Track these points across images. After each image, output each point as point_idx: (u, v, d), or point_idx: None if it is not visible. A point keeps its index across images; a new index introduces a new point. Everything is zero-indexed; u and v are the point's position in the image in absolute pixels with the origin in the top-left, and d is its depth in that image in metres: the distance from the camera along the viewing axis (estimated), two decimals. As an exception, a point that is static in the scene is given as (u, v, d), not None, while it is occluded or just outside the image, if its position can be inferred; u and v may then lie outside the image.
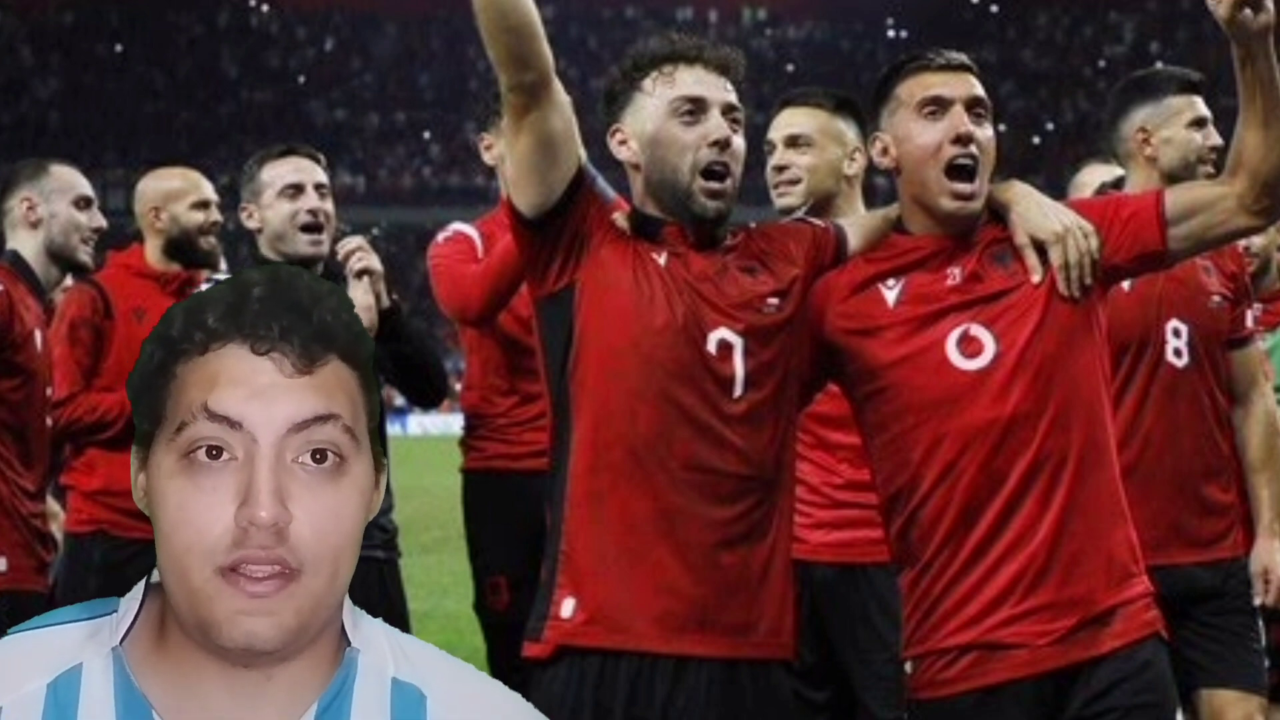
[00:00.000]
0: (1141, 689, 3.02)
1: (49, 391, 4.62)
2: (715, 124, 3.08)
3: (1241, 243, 4.33)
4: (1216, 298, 4.23)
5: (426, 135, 61.99)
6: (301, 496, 1.39)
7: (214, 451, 1.39)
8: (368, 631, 1.50)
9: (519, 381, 4.87)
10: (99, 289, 5.12)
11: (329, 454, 1.40)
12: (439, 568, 12.66)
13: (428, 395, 4.79)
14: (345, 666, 1.47)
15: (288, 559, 1.37)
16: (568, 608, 3.00)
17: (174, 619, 1.43)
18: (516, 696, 1.57)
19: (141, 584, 1.47)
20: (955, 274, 3.15)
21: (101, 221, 4.77)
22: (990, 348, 3.08)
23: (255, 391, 1.39)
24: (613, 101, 3.17)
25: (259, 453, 1.38)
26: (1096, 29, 63.72)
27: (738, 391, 3.02)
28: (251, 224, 4.51)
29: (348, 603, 1.48)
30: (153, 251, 5.26)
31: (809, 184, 4.16)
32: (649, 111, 3.11)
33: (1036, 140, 57.62)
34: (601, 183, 3.13)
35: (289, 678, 1.43)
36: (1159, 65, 11.72)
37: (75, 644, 1.44)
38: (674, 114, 3.08)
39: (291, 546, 1.37)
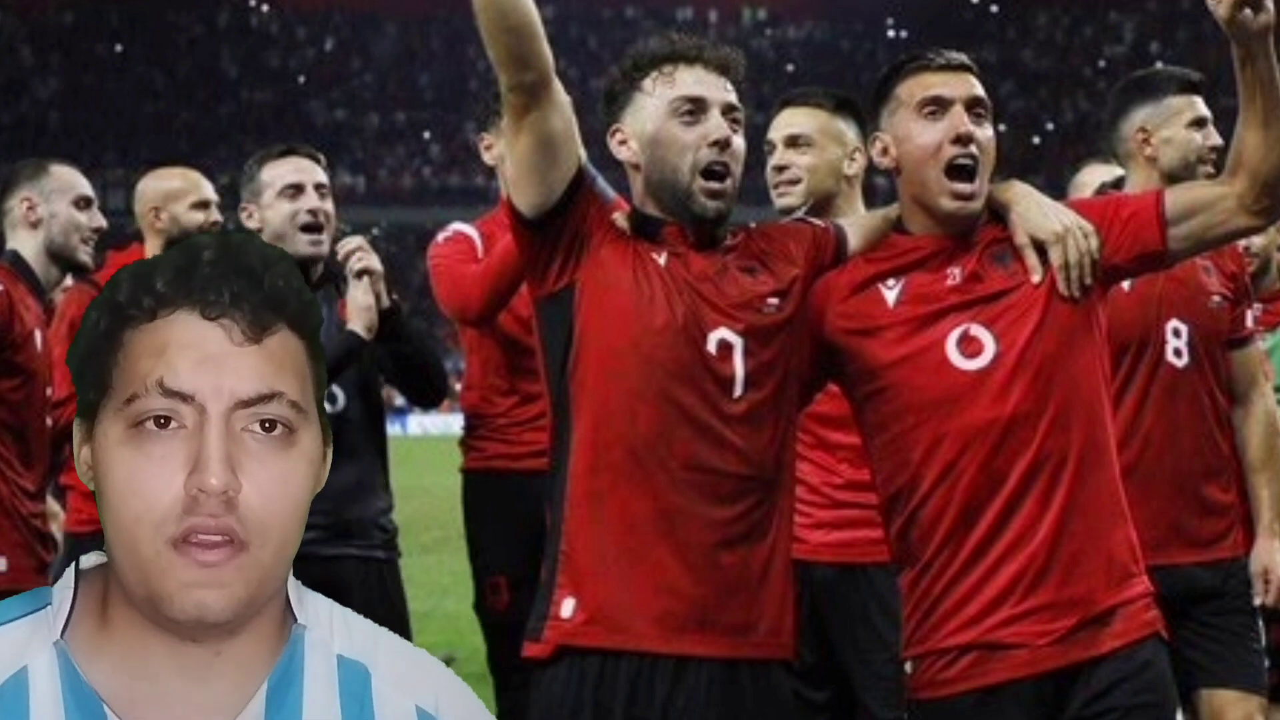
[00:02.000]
0: (1141, 689, 3.02)
1: (49, 391, 4.61)
2: (715, 124, 3.08)
3: (1241, 243, 4.33)
4: (1216, 298, 4.23)
5: (426, 135, 61.98)
6: (250, 466, 1.37)
7: (162, 420, 1.37)
8: (312, 608, 1.49)
9: (519, 381, 4.87)
10: (99, 289, 5.11)
11: (277, 424, 1.39)
12: (439, 568, 12.66)
13: (428, 395, 4.79)
14: (293, 644, 1.46)
15: (236, 529, 1.36)
16: (568, 608, 3.00)
17: (118, 598, 1.41)
18: (451, 673, 1.56)
19: (70, 571, 1.44)
20: (955, 274, 3.15)
21: (101, 221, 4.77)
22: (990, 348, 3.08)
23: (205, 361, 1.37)
24: (613, 101, 3.17)
25: (209, 421, 1.36)
26: (1096, 29, 63.72)
27: (738, 391, 3.02)
28: (251, 224, 4.51)
29: (292, 579, 1.47)
30: (153, 251, 5.26)
31: (809, 184, 4.16)
32: (649, 111, 3.11)
33: (1036, 140, 57.62)
34: (601, 183, 3.13)
35: (237, 653, 1.42)
36: (1159, 65, 11.72)
37: (16, 644, 1.40)
38: (674, 114, 3.08)
39: (240, 516, 1.36)
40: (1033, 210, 3.17)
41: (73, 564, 1.45)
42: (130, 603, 1.39)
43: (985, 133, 3.16)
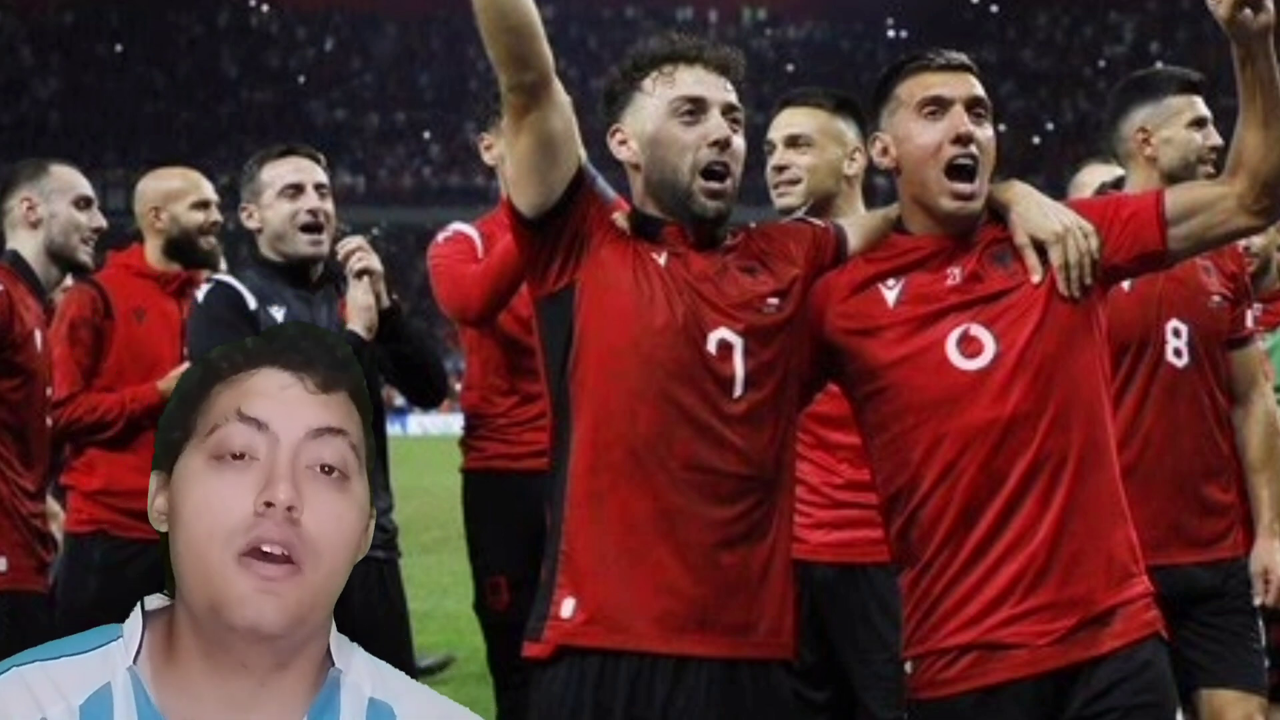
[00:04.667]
0: (1141, 689, 3.02)
1: (49, 391, 4.61)
2: (715, 124, 3.08)
3: (1241, 243, 4.33)
4: (1216, 298, 4.23)
5: (426, 135, 61.96)
6: (311, 497, 1.58)
7: (239, 455, 1.59)
8: (349, 655, 1.69)
9: (519, 381, 4.87)
10: (99, 289, 5.12)
11: (335, 469, 1.61)
12: (439, 568, 12.66)
13: (428, 395, 4.79)
14: (330, 684, 1.65)
15: (296, 545, 1.56)
16: (568, 608, 3.00)
17: (182, 634, 1.60)
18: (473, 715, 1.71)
19: (138, 609, 1.65)
20: (955, 274, 3.14)
21: (101, 221, 4.77)
22: (990, 348, 3.08)
23: (282, 400, 1.61)
24: (613, 101, 3.17)
25: (280, 449, 1.59)
26: (1096, 29, 63.70)
27: (738, 391, 3.02)
28: (251, 224, 4.51)
29: (333, 628, 1.67)
30: (153, 251, 5.26)
31: (809, 184, 4.16)
32: (649, 111, 3.10)
33: (1036, 140, 57.61)
34: (601, 183, 3.13)
35: (280, 687, 1.61)
36: (1159, 65, 11.71)
37: (99, 666, 1.61)
38: (674, 114, 3.08)
39: (300, 534, 1.56)
40: (1033, 210, 3.17)
41: (139, 603, 1.65)
42: (191, 636, 1.60)
43: (985, 133, 3.16)
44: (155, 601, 1.65)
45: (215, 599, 1.55)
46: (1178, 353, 4.16)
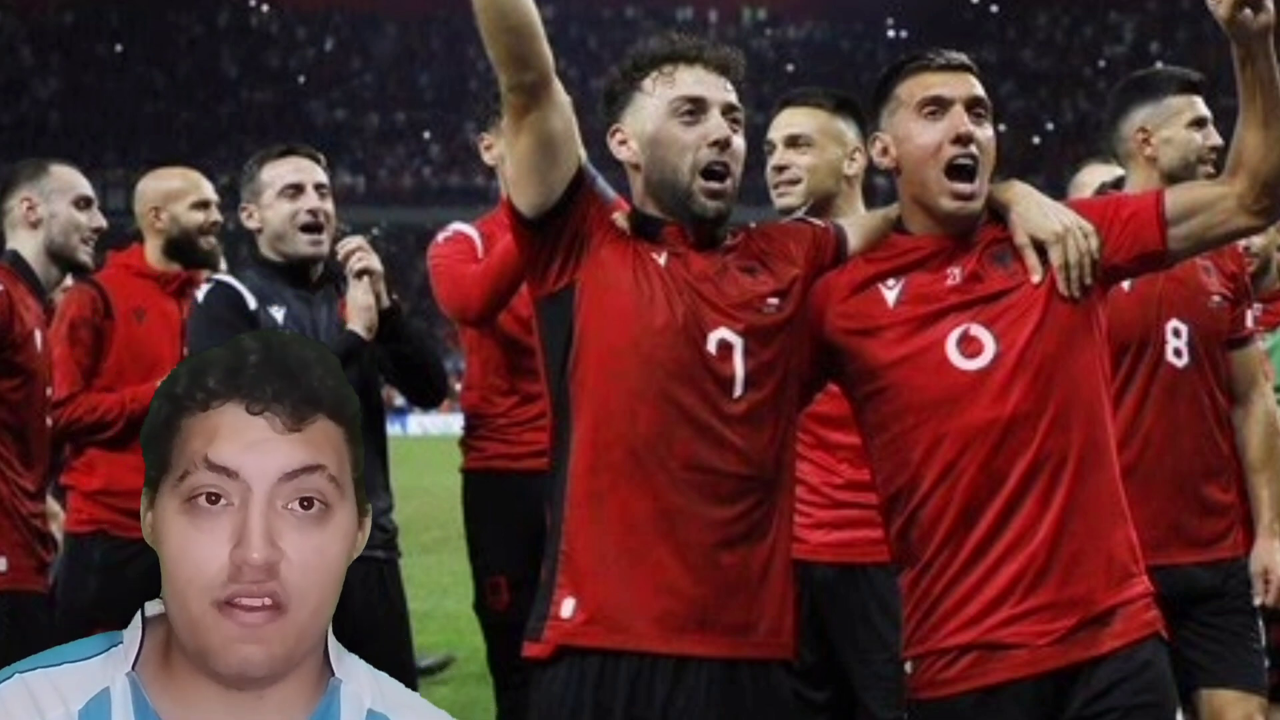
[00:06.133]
0: (1141, 689, 3.02)
1: (49, 391, 4.61)
2: (715, 124, 3.08)
3: (1241, 243, 4.33)
4: (1216, 298, 4.23)
5: (426, 135, 61.96)
6: (290, 538, 1.56)
7: (213, 498, 1.56)
8: (349, 665, 1.69)
9: (519, 381, 4.87)
10: (99, 289, 5.13)
11: (315, 501, 1.58)
12: (439, 568, 12.66)
13: (428, 395, 4.79)
14: (330, 694, 1.65)
15: (277, 592, 1.55)
16: (568, 608, 3.00)
17: (178, 643, 1.60)
18: None
19: (138, 616, 1.65)
20: (955, 274, 3.15)
21: (101, 221, 4.77)
22: (990, 348, 3.08)
23: (250, 445, 1.56)
24: (613, 101, 3.17)
25: (253, 499, 1.56)
26: (1096, 29, 63.71)
27: (738, 391, 3.02)
28: (251, 224, 4.51)
29: (332, 637, 1.67)
30: (153, 251, 5.26)
31: (809, 184, 4.16)
32: (649, 111, 3.11)
33: (1036, 140, 57.60)
34: (601, 183, 3.13)
35: (279, 698, 1.61)
36: (1159, 65, 11.72)
37: (98, 672, 1.61)
38: (674, 114, 3.08)
39: (281, 582, 1.55)
40: (1033, 210, 3.17)
41: (140, 610, 1.65)
42: (184, 653, 1.60)
43: (985, 133, 3.16)
44: (155, 607, 1.65)
45: (200, 646, 1.56)
46: (1178, 353, 4.16)
